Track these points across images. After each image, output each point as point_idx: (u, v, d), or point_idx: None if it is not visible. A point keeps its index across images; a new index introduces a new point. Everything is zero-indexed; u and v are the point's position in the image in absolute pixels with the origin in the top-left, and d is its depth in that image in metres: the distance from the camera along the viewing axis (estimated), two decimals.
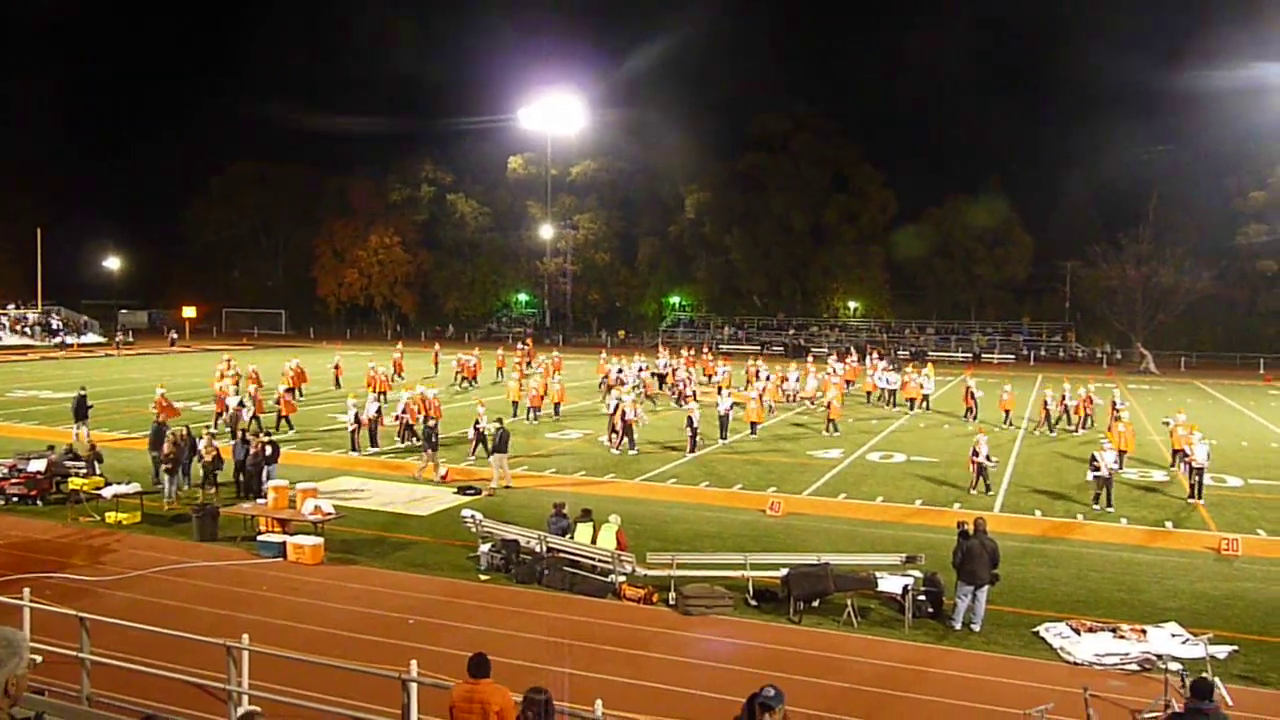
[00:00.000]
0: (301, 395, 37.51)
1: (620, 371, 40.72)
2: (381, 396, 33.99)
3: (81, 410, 27.88)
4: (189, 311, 78.65)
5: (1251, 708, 11.40)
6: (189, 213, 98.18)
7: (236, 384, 36.02)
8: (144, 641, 11.74)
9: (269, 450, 21.81)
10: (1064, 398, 34.13)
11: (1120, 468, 25.26)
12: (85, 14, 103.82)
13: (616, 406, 29.13)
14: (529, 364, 47.87)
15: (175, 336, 72.63)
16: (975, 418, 35.07)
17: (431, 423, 25.51)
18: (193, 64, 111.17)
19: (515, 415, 33.37)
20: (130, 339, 72.33)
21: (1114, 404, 31.02)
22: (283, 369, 38.73)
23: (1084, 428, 33.54)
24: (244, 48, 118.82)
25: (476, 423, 26.76)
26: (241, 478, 21.98)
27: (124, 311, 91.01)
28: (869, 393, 41.85)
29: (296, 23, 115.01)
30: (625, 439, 28.29)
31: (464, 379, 44.76)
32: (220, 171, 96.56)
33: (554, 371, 43.48)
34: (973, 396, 35.85)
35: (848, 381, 42.61)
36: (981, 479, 23.34)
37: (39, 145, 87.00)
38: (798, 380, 41.03)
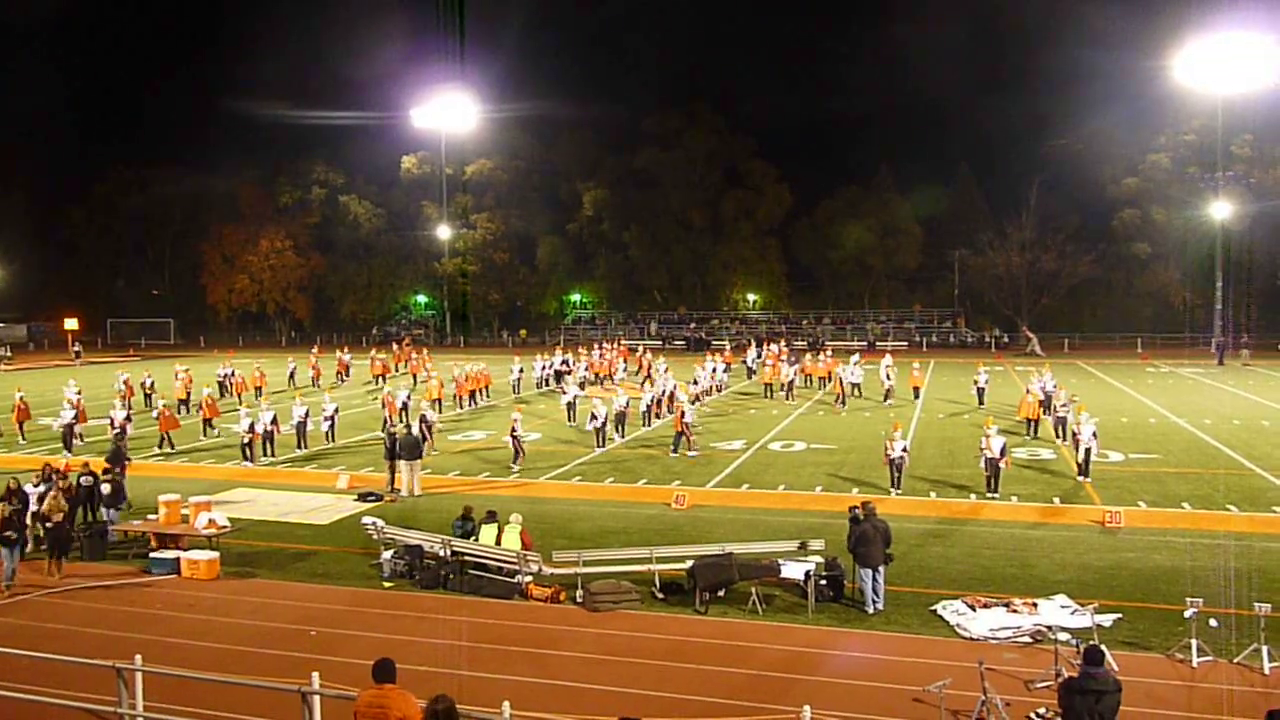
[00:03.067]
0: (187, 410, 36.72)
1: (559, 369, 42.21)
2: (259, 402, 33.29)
3: None
4: (71, 323, 75.34)
5: (1135, 671, 11.91)
6: (67, 220, 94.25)
7: (188, 392, 36.23)
8: (29, 669, 11.28)
9: (106, 489, 18.90)
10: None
11: (1034, 435, 28.90)
12: None
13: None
14: (398, 367, 47.98)
15: (79, 350, 69.51)
16: (844, 402, 36.67)
17: (393, 430, 24.42)
18: (67, 64, 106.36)
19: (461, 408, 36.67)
20: (9, 354, 69.06)
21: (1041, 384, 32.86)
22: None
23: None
24: (121, 47, 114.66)
25: (513, 429, 25.90)
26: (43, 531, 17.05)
27: (1, 325, 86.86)
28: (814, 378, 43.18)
29: (177, 21, 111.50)
30: (685, 440, 27.28)
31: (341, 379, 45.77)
32: (100, 176, 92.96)
33: (424, 367, 44.25)
34: (841, 382, 37.47)
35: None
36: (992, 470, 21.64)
37: None
38: (713, 371, 41.60)
